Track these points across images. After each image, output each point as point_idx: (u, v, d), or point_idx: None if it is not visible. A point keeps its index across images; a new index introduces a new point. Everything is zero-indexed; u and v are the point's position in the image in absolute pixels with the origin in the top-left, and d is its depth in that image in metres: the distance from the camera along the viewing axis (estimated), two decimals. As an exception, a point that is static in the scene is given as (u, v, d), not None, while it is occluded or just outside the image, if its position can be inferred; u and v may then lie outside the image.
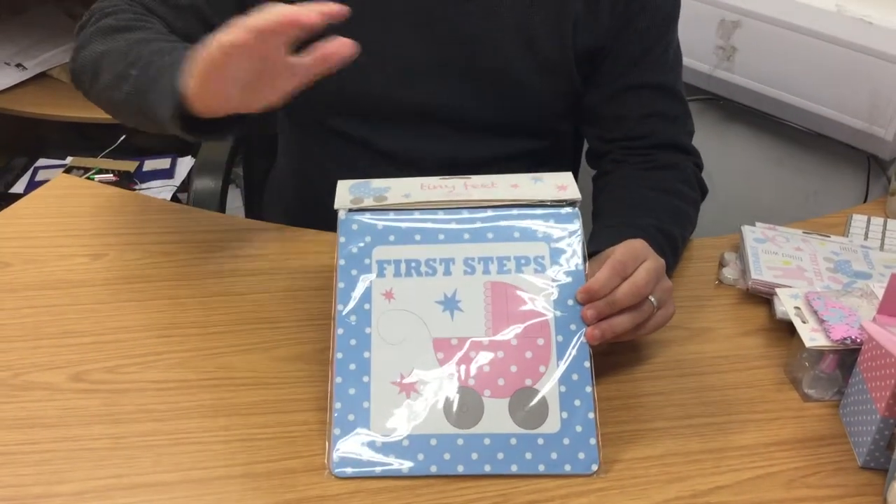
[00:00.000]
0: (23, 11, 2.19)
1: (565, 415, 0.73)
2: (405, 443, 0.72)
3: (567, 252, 0.78)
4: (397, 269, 0.77)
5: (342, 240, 0.78)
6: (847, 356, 0.81)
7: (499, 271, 0.78)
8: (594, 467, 0.73)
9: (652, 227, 0.93)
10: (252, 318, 0.89)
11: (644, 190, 1.01)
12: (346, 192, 0.82)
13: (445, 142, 1.07)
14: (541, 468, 0.72)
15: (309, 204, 1.14)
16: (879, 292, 0.84)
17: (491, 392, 0.74)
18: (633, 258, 0.79)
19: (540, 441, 0.73)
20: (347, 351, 0.75)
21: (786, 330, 0.91)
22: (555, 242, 0.78)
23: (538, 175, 0.83)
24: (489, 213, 0.80)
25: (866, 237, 1.08)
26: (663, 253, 0.90)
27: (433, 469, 0.72)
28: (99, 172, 1.94)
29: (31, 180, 2.03)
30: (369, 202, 0.80)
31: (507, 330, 0.76)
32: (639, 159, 1.06)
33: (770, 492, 0.73)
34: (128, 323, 0.87)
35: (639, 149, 1.07)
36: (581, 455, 0.73)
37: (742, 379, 0.85)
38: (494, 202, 0.80)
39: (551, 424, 0.73)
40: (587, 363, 0.75)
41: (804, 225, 1.11)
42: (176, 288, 0.93)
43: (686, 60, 1.10)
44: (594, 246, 0.88)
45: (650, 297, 0.79)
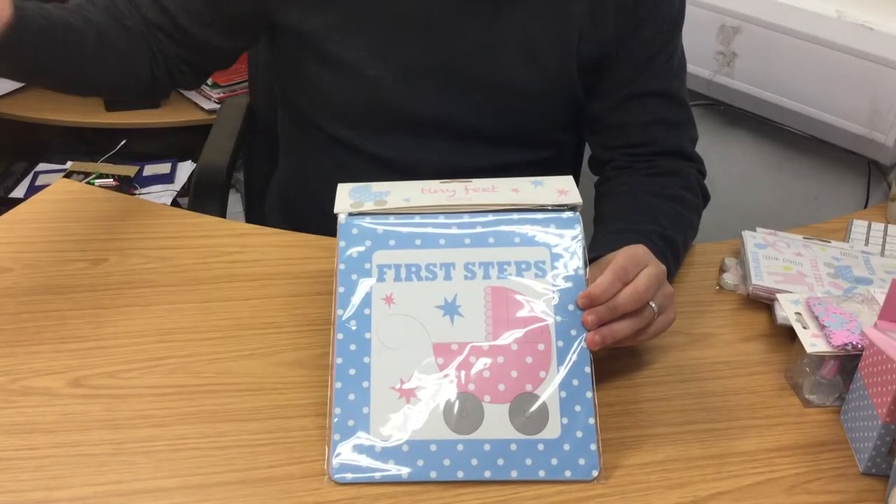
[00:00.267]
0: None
1: (566, 420, 0.73)
2: (405, 448, 0.72)
3: (568, 257, 0.78)
4: (397, 274, 0.77)
5: (342, 244, 0.78)
6: (848, 362, 0.81)
7: (499, 276, 0.77)
8: (594, 473, 0.72)
9: (653, 233, 0.93)
10: (252, 324, 0.89)
11: (646, 196, 1.00)
12: (347, 196, 0.81)
13: (446, 151, 1.07)
14: (541, 474, 0.72)
15: (310, 209, 1.14)
16: (880, 298, 0.84)
17: (491, 397, 0.74)
18: (635, 264, 0.79)
19: (540, 447, 0.72)
20: (347, 356, 0.75)
21: (786, 335, 0.90)
22: (555, 247, 0.78)
23: (539, 179, 0.83)
24: (490, 218, 0.80)
25: (867, 242, 1.08)
26: (665, 259, 0.90)
27: (433, 475, 0.72)
28: (99, 177, 1.94)
29: (31, 185, 2.03)
30: (369, 206, 0.80)
31: (508, 335, 0.76)
32: (642, 166, 1.06)
33: (771, 498, 0.73)
34: (127, 328, 0.87)
35: (642, 156, 1.06)
36: (581, 461, 0.72)
37: (743, 384, 0.85)
38: (495, 207, 0.80)
39: (552, 430, 0.73)
40: (588, 368, 0.75)
41: (805, 230, 1.11)
42: (176, 293, 0.92)
43: (687, 66, 1.10)
44: (595, 251, 0.88)
45: (651, 303, 0.79)
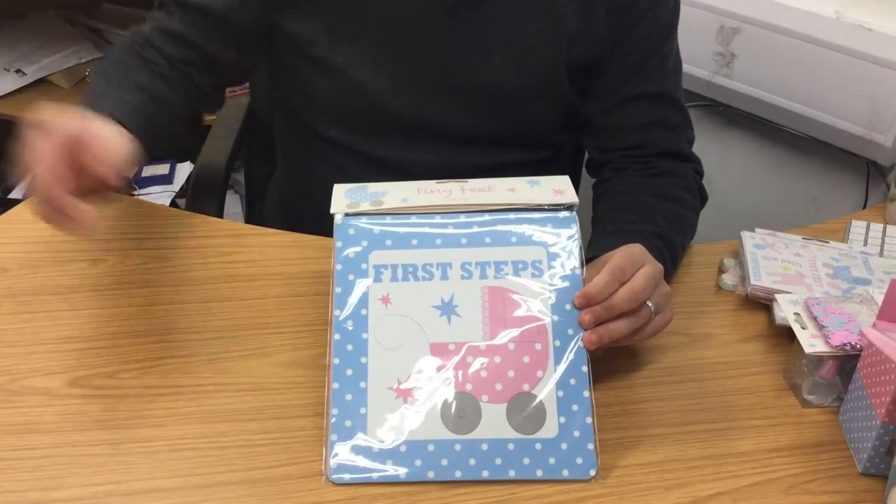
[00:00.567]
0: (23, 17, 2.19)
1: (563, 420, 0.73)
2: (402, 448, 0.72)
3: (564, 256, 0.78)
4: (394, 274, 0.77)
5: (339, 244, 0.78)
6: (846, 362, 0.81)
7: (496, 276, 0.77)
8: (592, 472, 0.72)
9: (651, 233, 0.93)
10: (250, 324, 0.89)
11: (643, 196, 1.00)
12: (343, 197, 0.81)
13: (443, 152, 1.07)
14: (539, 473, 0.72)
15: (308, 210, 1.14)
16: (879, 298, 0.84)
17: (488, 397, 0.74)
18: (632, 263, 0.79)
19: (538, 446, 0.72)
20: (344, 356, 0.75)
21: (785, 336, 0.90)
22: (552, 247, 0.78)
23: (535, 178, 0.83)
24: (486, 218, 0.80)
25: (865, 243, 1.08)
26: (662, 259, 0.90)
27: (431, 475, 0.72)
28: (98, 178, 1.94)
29: (31, 186, 2.02)
30: (366, 207, 0.80)
31: (505, 334, 0.76)
32: (639, 167, 1.06)
33: (770, 498, 0.73)
34: (126, 328, 0.87)
35: (639, 157, 1.06)
36: (579, 460, 0.72)
37: (741, 385, 0.85)
38: (491, 206, 0.80)
39: (549, 429, 0.73)
40: (585, 368, 0.75)
41: (803, 231, 1.11)
42: (174, 293, 0.92)
43: (685, 67, 1.10)
44: (593, 251, 0.87)
45: (648, 303, 0.79)
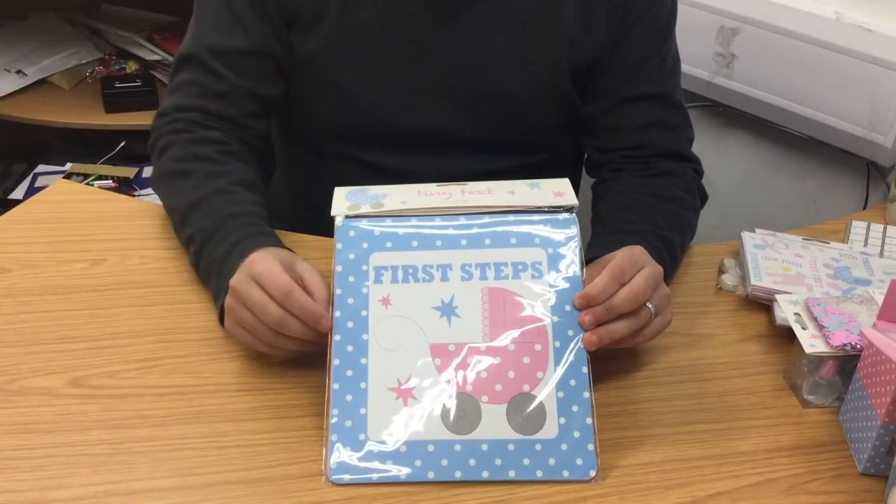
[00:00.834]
0: (23, 18, 2.19)
1: (563, 420, 0.73)
2: (402, 449, 0.72)
3: (564, 258, 0.78)
4: (394, 276, 0.77)
5: (339, 246, 0.78)
6: (847, 362, 0.81)
7: (496, 277, 0.77)
8: (592, 473, 0.72)
9: (650, 234, 0.93)
10: (251, 324, 0.89)
11: (643, 197, 1.00)
12: (343, 199, 0.81)
13: (444, 160, 1.07)
14: (539, 474, 0.72)
15: (306, 216, 1.14)
16: (879, 298, 0.84)
17: (489, 398, 0.74)
18: (632, 264, 0.79)
19: (538, 447, 0.72)
20: (345, 357, 0.75)
21: (785, 336, 0.90)
22: (552, 248, 0.78)
23: (535, 181, 0.83)
24: (486, 220, 0.80)
25: (866, 243, 1.08)
26: (662, 259, 0.90)
27: (431, 475, 0.72)
28: (98, 179, 1.94)
29: (31, 186, 2.03)
30: (366, 209, 0.80)
31: (505, 335, 0.75)
32: (638, 167, 1.06)
33: (770, 498, 0.73)
34: (126, 328, 0.87)
35: (638, 158, 1.06)
36: (579, 461, 0.72)
37: (742, 385, 0.85)
38: (492, 208, 0.80)
39: (549, 430, 0.73)
40: (585, 369, 0.75)
41: (804, 231, 1.11)
42: (174, 293, 0.92)
43: (685, 67, 1.10)
44: (593, 252, 0.88)
45: (648, 304, 0.79)
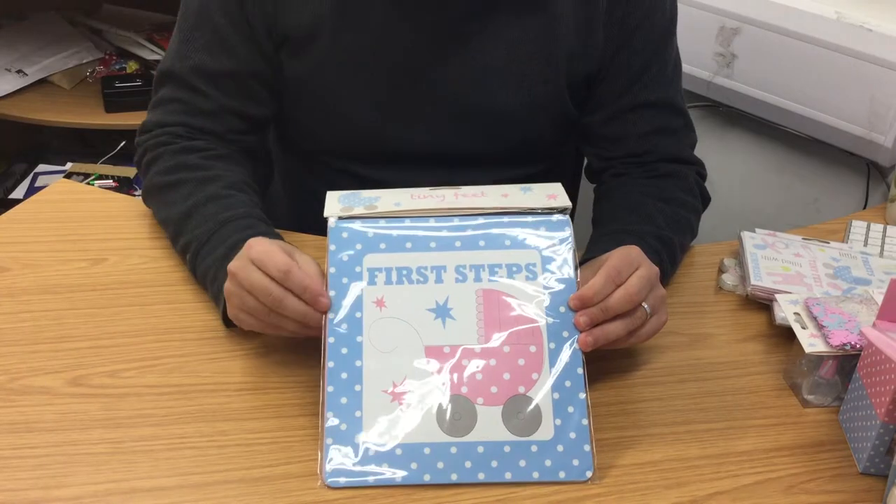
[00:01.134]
0: (24, 18, 2.19)
1: (559, 422, 0.73)
2: (398, 452, 0.72)
3: (558, 259, 0.78)
4: (388, 277, 0.77)
5: (332, 248, 0.78)
6: (846, 362, 0.81)
7: (490, 279, 0.77)
8: (588, 474, 0.72)
9: (649, 234, 0.93)
10: (251, 323, 0.89)
11: (643, 197, 1.00)
12: (336, 202, 0.81)
13: (440, 175, 1.05)
14: (535, 475, 0.72)
15: (303, 222, 1.13)
16: (879, 298, 0.84)
17: (484, 400, 0.74)
18: (628, 265, 0.79)
19: (534, 448, 0.72)
20: (339, 360, 0.74)
21: (785, 336, 0.90)
22: (546, 250, 0.78)
23: (527, 185, 0.83)
24: (480, 221, 0.79)
25: (866, 243, 1.08)
26: (660, 260, 0.90)
27: (426, 478, 0.71)
28: (98, 178, 1.94)
29: (31, 186, 2.03)
30: (359, 210, 0.80)
31: (499, 337, 0.75)
32: (640, 170, 1.05)
33: (769, 498, 0.73)
34: (126, 327, 0.87)
35: (640, 164, 1.06)
36: (575, 462, 0.72)
37: (741, 385, 0.85)
38: (485, 210, 0.80)
39: (545, 432, 0.73)
40: (580, 370, 0.75)
41: (804, 231, 1.11)
42: (174, 293, 0.92)
43: (686, 67, 1.10)
44: (591, 252, 0.88)
45: (644, 305, 0.79)
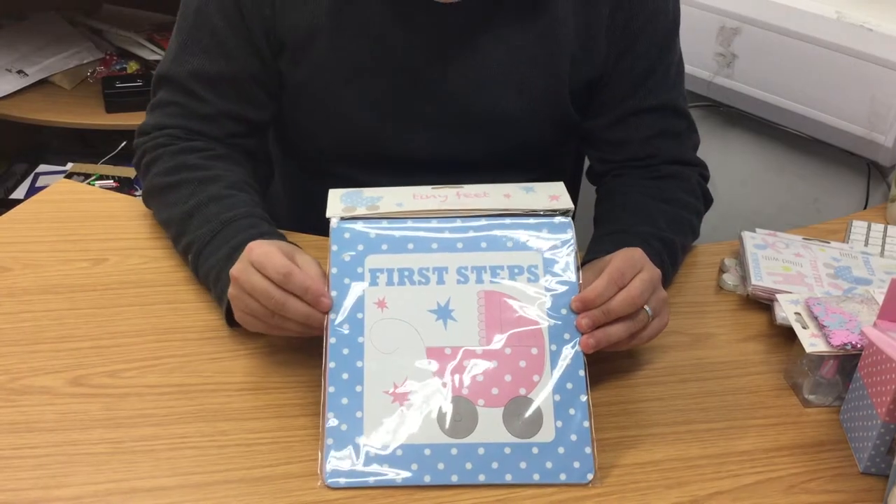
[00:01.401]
0: (24, 18, 2.19)
1: (560, 424, 0.73)
2: (399, 453, 0.72)
3: (560, 261, 0.78)
4: (390, 278, 0.77)
5: (334, 248, 0.78)
6: (847, 362, 0.81)
7: (492, 280, 0.77)
8: (589, 476, 0.72)
9: (651, 236, 0.93)
10: (251, 323, 0.89)
11: (645, 198, 1.00)
12: (339, 201, 0.81)
13: (441, 179, 1.05)
14: (535, 477, 0.72)
15: (304, 223, 1.13)
16: (880, 298, 0.84)
17: (485, 401, 0.74)
18: (631, 267, 0.79)
19: (534, 450, 0.72)
20: (340, 360, 0.74)
21: (786, 335, 0.90)
22: (548, 252, 0.78)
23: (530, 185, 0.83)
24: (482, 223, 0.79)
25: (866, 243, 1.08)
26: (661, 261, 0.89)
27: (427, 479, 0.71)
28: (99, 179, 1.94)
29: (32, 186, 2.03)
30: (362, 211, 0.80)
31: (501, 339, 0.75)
32: (642, 172, 1.05)
33: (770, 497, 0.73)
34: (127, 327, 0.87)
35: (643, 166, 1.06)
36: (576, 464, 0.72)
37: (742, 384, 0.85)
38: (487, 211, 0.80)
39: (546, 433, 0.73)
40: (582, 372, 0.75)
41: (804, 231, 1.11)
42: (175, 293, 0.92)
43: (686, 67, 1.10)
44: (593, 253, 0.87)
45: (645, 307, 0.79)
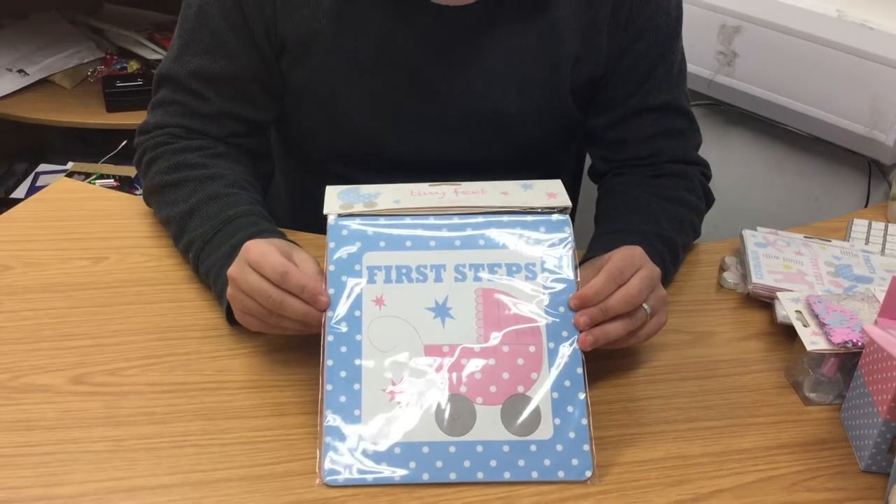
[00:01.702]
0: (25, 17, 2.19)
1: (558, 421, 0.73)
2: (397, 450, 0.72)
3: (558, 259, 0.78)
4: (388, 276, 0.77)
5: (332, 245, 0.78)
6: (848, 360, 0.81)
7: (490, 278, 0.77)
8: (588, 474, 0.72)
9: (651, 234, 0.93)
10: (252, 322, 0.89)
11: (646, 196, 1.00)
12: (336, 198, 0.81)
13: (440, 178, 1.06)
14: (534, 475, 0.72)
15: (301, 223, 1.13)
16: (880, 296, 0.84)
17: (483, 399, 0.73)
18: (630, 265, 0.79)
19: (533, 448, 0.72)
20: (338, 358, 0.74)
21: (787, 334, 0.90)
22: (545, 249, 0.78)
23: (528, 182, 0.83)
24: (480, 220, 0.79)
25: (867, 241, 1.08)
26: (662, 259, 0.89)
27: (425, 477, 0.71)
28: (100, 178, 1.94)
29: (33, 185, 2.03)
30: (359, 208, 0.79)
31: (498, 336, 0.75)
32: (644, 170, 1.05)
33: (771, 495, 0.73)
34: (128, 326, 0.87)
35: (645, 165, 1.06)
36: (575, 461, 0.72)
37: (743, 383, 0.85)
38: (485, 209, 0.80)
39: (544, 431, 0.73)
40: (580, 369, 0.75)
41: (805, 229, 1.11)
42: (176, 291, 0.93)
43: (687, 66, 1.10)
44: (593, 250, 0.87)
45: (644, 305, 0.79)
